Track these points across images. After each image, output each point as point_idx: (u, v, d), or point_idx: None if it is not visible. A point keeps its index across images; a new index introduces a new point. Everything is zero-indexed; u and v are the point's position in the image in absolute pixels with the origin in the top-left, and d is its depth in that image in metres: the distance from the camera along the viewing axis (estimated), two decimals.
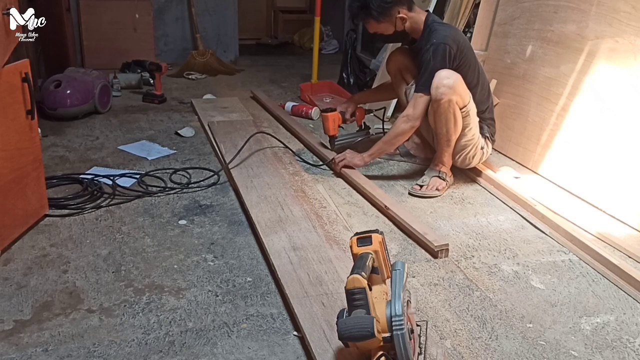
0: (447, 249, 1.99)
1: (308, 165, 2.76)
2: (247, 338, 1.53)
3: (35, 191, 2.04)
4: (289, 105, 3.71)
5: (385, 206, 2.28)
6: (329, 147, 2.85)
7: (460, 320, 1.64)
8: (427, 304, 1.72)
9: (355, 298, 1.26)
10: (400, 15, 2.45)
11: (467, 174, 2.71)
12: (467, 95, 2.40)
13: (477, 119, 2.50)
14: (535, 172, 2.73)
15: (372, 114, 3.11)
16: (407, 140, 2.81)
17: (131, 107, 3.68)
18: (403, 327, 1.22)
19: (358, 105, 2.95)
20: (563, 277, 1.90)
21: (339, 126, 2.85)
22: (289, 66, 5.27)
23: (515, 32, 2.95)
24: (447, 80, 2.32)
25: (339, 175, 2.65)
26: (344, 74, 4.31)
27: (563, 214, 2.26)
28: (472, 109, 2.45)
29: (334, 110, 2.81)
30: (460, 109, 2.39)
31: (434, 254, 1.98)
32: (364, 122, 3.01)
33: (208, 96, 3.93)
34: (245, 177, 2.46)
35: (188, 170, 2.63)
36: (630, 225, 2.20)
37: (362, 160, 2.61)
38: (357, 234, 1.42)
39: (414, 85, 2.57)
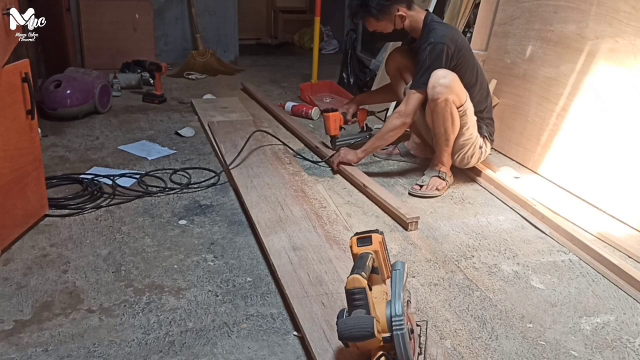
0: (417, 222, 2.18)
1: (308, 165, 2.76)
2: (247, 338, 1.53)
3: (35, 191, 2.04)
4: (289, 105, 3.70)
5: (364, 184, 2.44)
6: (331, 147, 2.85)
7: (460, 320, 1.64)
8: (427, 304, 1.72)
9: (355, 298, 1.26)
10: (400, 13, 2.45)
11: (467, 174, 2.71)
12: (463, 94, 2.40)
13: (475, 118, 2.51)
14: (535, 172, 2.73)
15: (374, 115, 3.11)
16: (403, 137, 2.81)
17: (131, 107, 3.67)
18: (403, 327, 1.22)
19: (360, 107, 2.95)
20: (563, 277, 1.90)
21: (341, 127, 2.85)
22: (289, 66, 5.28)
23: (515, 32, 2.95)
24: (444, 80, 2.33)
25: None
26: (344, 74, 4.31)
27: (563, 214, 2.26)
28: (470, 108, 2.45)
29: (336, 110, 2.81)
30: (457, 108, 2.39)
31: (405, 226, 2.17)
32: (366, 124, 3.02)
33: (208, 96, 3.93)
34: (245, 177, 2.46)
35: (188, 171, 2.64)
36: (630, 225, 2.20)
37: (355, 156, 2.63)
38: (357, 234, 1.42)
39: None
